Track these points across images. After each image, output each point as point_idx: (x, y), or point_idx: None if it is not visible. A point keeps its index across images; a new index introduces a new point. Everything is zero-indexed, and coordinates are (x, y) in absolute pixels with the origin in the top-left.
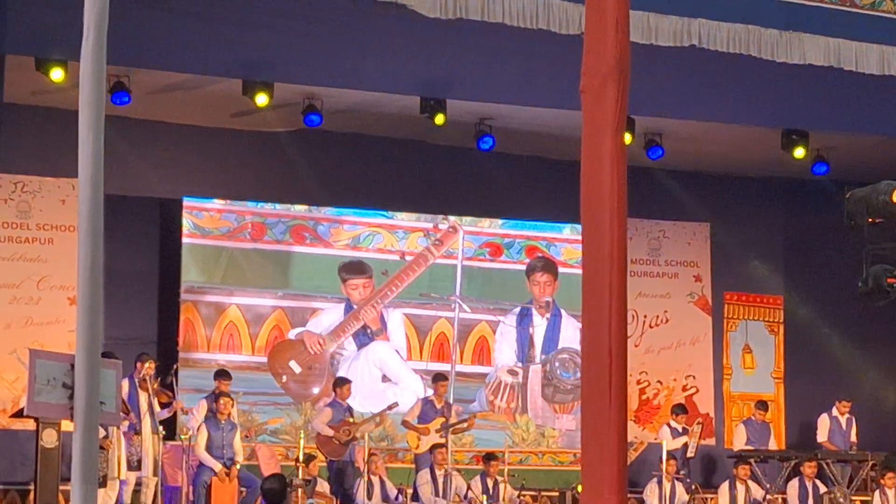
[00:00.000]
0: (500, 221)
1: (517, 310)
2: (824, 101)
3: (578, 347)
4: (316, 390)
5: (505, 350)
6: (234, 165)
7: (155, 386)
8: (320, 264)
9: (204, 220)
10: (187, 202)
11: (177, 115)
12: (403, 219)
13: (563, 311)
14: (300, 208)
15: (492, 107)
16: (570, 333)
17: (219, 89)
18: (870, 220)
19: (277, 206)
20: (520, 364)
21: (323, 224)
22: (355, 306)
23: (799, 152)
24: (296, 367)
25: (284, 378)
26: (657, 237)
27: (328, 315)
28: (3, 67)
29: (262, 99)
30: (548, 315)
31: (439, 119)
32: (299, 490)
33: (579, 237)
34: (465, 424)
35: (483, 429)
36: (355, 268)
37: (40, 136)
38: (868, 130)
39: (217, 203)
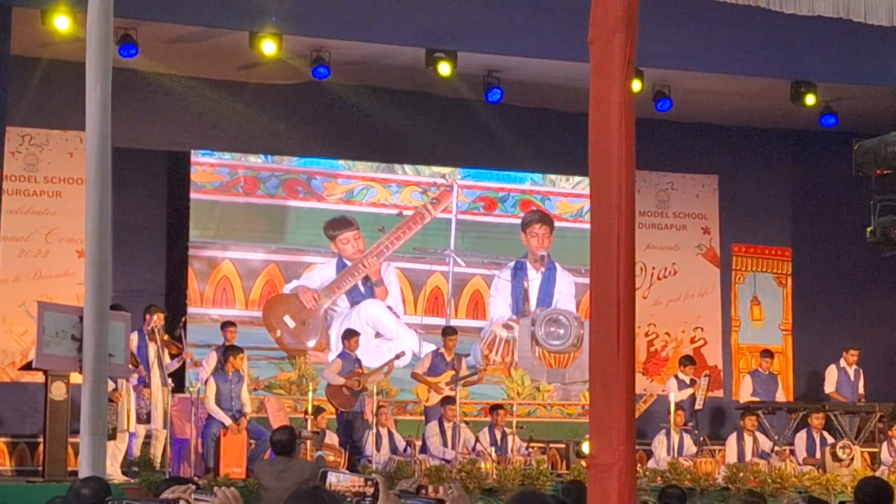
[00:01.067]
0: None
1: (512, 264)
2: (833, 53)
3: (568, 307)
4: (310, 344)
5: (499, 304)
6: (242, 118)
7: (164, 338)
8: (313, 218)
9: (197, 174)
10: (195, 156)
11: (184, 68)
12: (399, 172)
13: (557, 265)
14: (292, 161)
15: (500, 59)
16: (565, 287)
17: (226, 42)
18: (878, 170)
19: (271, 159)
20: (514, 317)
21: (316, 178)
22: (348, 262)
23: (809, 100)
24: (290, 321)
25: (279, 332)
26: (665, 189)
27: (321, 271)
28: (10, 20)
29: (269, 47)
30: (542, 269)
31: (444, 70)
32: (308, 442)
33: (574, 190)
34: (476, 378)
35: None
36: (340, 223)
37: (48, 88)
38: (876, 81)
39: (214, 157)
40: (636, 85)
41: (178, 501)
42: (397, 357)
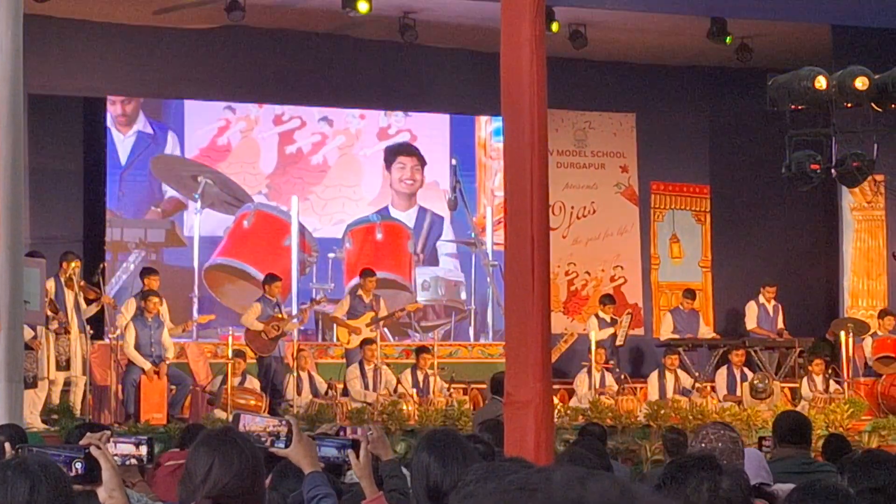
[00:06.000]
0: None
1: None
2: None
3: None
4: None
5: None
6: (158, 63)
7: (81, 284)
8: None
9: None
10: (112, 100)
11: (99, 13)
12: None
13: None
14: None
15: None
16: None
17: None
18: (792, 106)
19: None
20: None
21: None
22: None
23: (725, 38)
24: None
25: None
26: (583, 128)
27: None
28: None
29: None
30: None
31: (362, 7)
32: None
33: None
34: (395, 317)
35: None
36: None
37: None
38: (791, 17)
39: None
40: (552, 26)
41: (90, 447)
42: (317, 302)
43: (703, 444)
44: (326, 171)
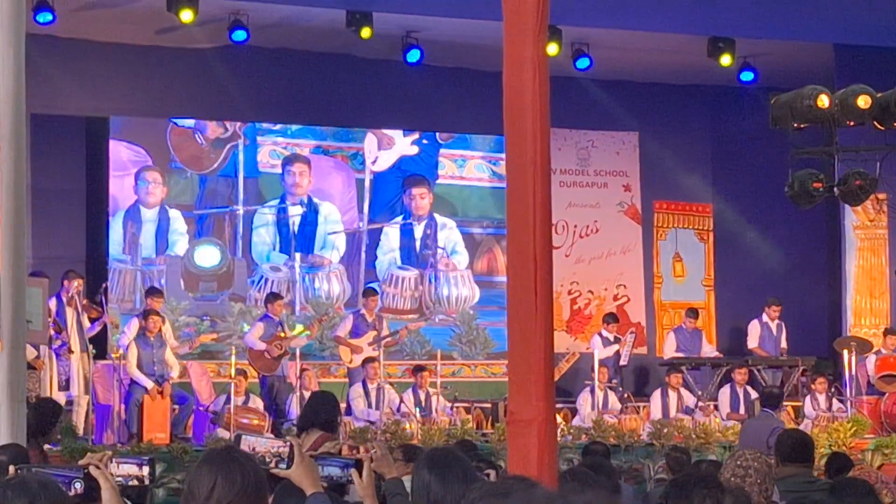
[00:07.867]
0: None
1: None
2: (750, 8)
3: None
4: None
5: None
6: (161, 83)
7: (84, 303)
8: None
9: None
10: (114, 120)
11: (101, 34)
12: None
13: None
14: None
15: (418, 19)
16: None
17: (142, 6)
18: (795, 124)
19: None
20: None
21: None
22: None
23: (725, 60)
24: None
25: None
26: (586, 147)
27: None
28: None
29: (186, 15)
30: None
31: (365, 32)
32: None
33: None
34: (398, 337)
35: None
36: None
37: None
38: (793, 36)
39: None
40: (551, 48)
41: (89, 466)
42: (320, 320)
43: (738, 463)
44: None
